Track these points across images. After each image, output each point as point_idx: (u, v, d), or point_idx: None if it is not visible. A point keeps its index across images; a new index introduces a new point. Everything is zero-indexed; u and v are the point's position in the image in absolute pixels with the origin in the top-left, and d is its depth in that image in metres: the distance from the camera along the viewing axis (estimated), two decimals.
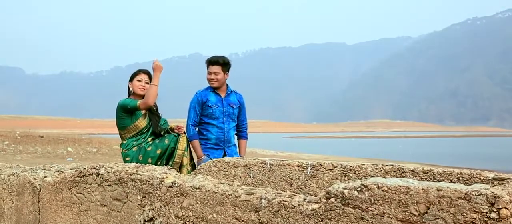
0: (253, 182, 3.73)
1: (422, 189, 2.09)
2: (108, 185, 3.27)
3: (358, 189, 2.26)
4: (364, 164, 3.31)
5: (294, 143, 56.78)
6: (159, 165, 4.40)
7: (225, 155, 5.15)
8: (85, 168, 3.47)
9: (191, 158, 4.83)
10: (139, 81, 4.91)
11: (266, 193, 2.61)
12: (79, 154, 16.31)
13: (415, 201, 2.10)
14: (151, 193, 3.03)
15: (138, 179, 3.10)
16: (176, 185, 2.94)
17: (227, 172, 3.90)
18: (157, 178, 3.03)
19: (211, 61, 5.19)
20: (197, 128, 5.19)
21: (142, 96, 4.86)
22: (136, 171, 3.17)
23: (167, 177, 3.01)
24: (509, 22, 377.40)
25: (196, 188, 2.84)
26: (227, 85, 5.31)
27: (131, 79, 4.97)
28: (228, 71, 5.23)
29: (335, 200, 2.33)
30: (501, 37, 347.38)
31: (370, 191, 2.22)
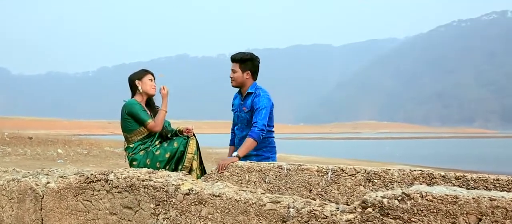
0: (269, 188, 3.54)
1: (473, 198, 1.94)
2: (118, 192, 3.07)
3: (399, 198, 2.10)
4: (389, 169, 3.14)
5: (282, 144, 56.18)
6: (168, 170, 4.22)
7: None
8: (92, 174, 3.25)
9: (201, 162, 4.58)
10: (151, 80, 4.69)
11: (294, 202, 2.44)
12: (69, 156, 16.00)
13: (465, 212, 1.94)
14: (166, 201, 2.84)
15: (151, 186, 2.91)
16: (194, 192, 2.75)
17: (240, 177, 3.70)
18: (173, 184, 2.84)
19: (231, 58, 4.79)
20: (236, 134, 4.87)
21: (148, 96, 4.69)
22: (149, 177, 2.97)
23: (183, 183, 2.82)
24: (493, 24, 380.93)
25: (216, 196, 2.65)
26: (252, 85, 4.73)
27: (139, 78, 4.70)
28: (249, 70, 4.69)
29: (373, 210, 2.17)
30: (486, 39, 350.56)
31: (412, 200, 2.06)
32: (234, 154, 4.20)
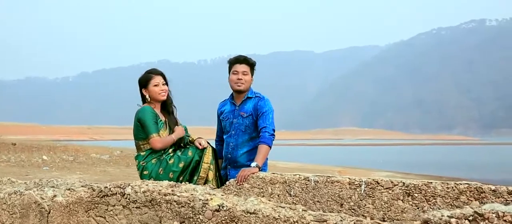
0: (294, 201, 3.27)
1: None
2: (136, 208, 2.78)
3: (470, 218, 1.87)
4: (431, 182, 2.90)
5: None
6: (181, 181, 3.92)
7: (226, 178, 4.32)
8: (106, 187, 2.95)
9: (217, 171, 4.26)
10: (156, 85, 4.34)
11: (342, 220, 2.20)
12: (55, 163, 15.55)
13: None
14: (192, 218, 2.56)
15: (175, 201, 2.63)
16: (225, 208, 2.48)
17: (262, 190, 3.42)
18: (200, 199, 2.56)
19: (239, 59, 4.48)
20: (223, 145, 4.54)
21: (163, 102, 4.37)
22: (172, 190, 2.69)
23: (212, 198, 2.55)
24: (472, 32, 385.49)
25: (250, 213, 2.39)
26: (251, 90, 4.55)
27: (144, 85, 4.37)
28: (253, 74, 4.54)
29: None
30: (466, 47, 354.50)
31: (487, 221, 1.84)
32: (253, 164, 3.90)
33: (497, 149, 63.60)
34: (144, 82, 4.39)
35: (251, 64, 4.51)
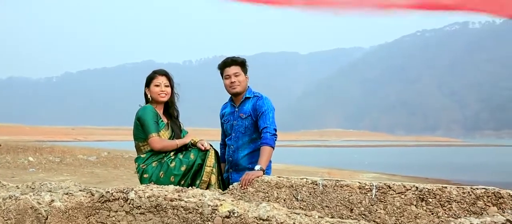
0: (302, 206, 3.15)
1: None
2: (141, 214, 2.64)
3: None
4: (446, 187, 2.80)
5: None
6: (183, 185, 3.77)
7: (229, 182, 4.19)
8: (108, 191, 2.81)
9: (219, 174, 4.11)
10: (157, 85, 4.21)
11: None
12: (41, 164, 15.28)
13: None
14: None
15: (182, 207, 2.50)
16: (236, 215, 2.36)
17: (267, 194, 3.29)
18: (208, 205, 2.44)
19: (227, 62, 4.33)
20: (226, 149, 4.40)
21: (163, 103, 4.24)
22: (179, 196, 2.56)
23: (221, 204, 2.43)
24: (456, 35, 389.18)
25: (263, 220, 2.28)
26: (249, 90, 4.43)
27: (147, 84, 4.26)
28: (247, 74, 4.40)
29: None
30: (449, 50, 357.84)
31: None
32: (257, 167, 3.75)
33: (481, 150, 64.18)
34: (147, 80, 4.28)
35: (240, 63, 4.36)
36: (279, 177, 3.38)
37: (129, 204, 2.71)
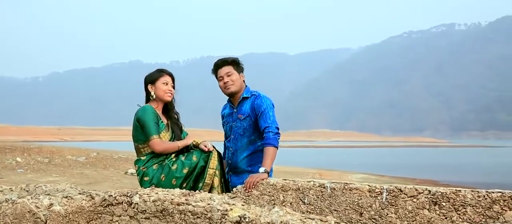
0: (309, 210, 3.05)
1: None
2: (146, 218, 2.53)
3: None
4: (460, 190, 2.72)
5: None
6: (185, 188, 3.67)
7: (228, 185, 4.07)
8: (111, 195, 2.70)
9: (222, 176, 3.96)
10: (165, 83, 4.09)
11: None
12: (29, 165, 15.06)
13: None
14: None
15: (190, 211, 2.40)
16: (247, 220, 2.26)
17: (272, 197, 3.18)
18: (218, 209, 2.34)
19: (217, 64, 4.22)
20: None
21: (164, 103, 4.11)
22: (186, 200, 2.46)
23: (232, 209, 2.33)
24: (442, 36, 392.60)
25: None
26: (246, 89, 4.31)
27: (152, 81, 4.11)
28: (242, 72, 4.29)
29: None
30: (436, 51, 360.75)
31: None
32: (261, 169, 3.64)
33: (467, 151, 64.68)
34: (153, 78, 4.14)
35: (231, 62, 4.23)
36: (285, 179, 3.27)
37: (134, 208, 2.59)
